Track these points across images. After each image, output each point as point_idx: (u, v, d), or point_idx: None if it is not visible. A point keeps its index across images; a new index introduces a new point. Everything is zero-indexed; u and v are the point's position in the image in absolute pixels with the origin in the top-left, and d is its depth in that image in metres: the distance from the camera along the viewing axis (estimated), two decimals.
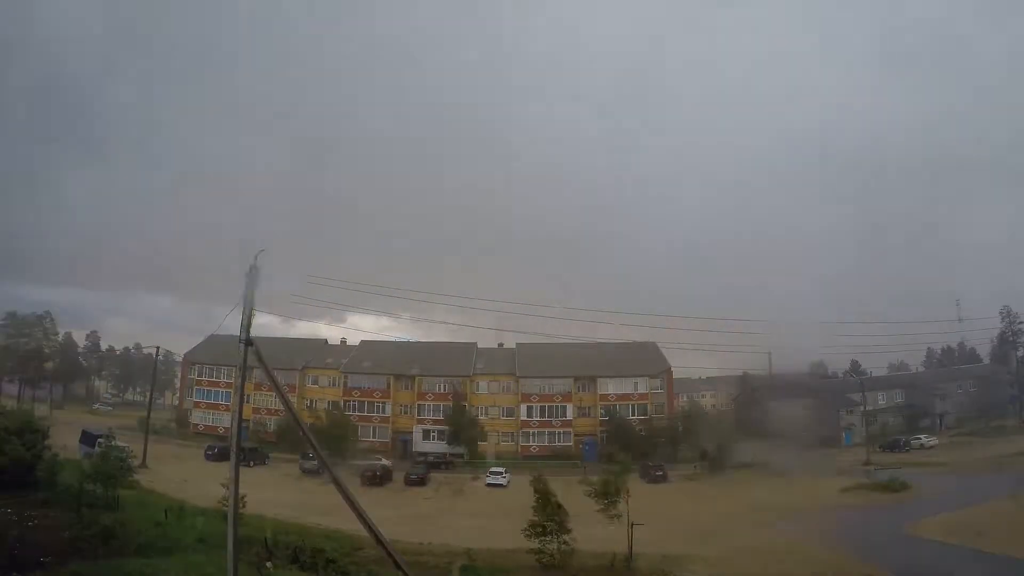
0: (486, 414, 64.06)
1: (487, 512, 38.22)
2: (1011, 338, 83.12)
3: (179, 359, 77.16)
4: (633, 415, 63.20)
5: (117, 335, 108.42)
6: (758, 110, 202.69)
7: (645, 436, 59.94)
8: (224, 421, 63.41)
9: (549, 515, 24.64)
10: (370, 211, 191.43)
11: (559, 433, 64.11)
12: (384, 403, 65.60)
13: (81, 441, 43.42)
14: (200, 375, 69.01)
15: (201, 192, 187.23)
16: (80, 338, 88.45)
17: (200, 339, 72.49)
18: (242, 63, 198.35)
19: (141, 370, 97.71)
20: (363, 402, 65.69)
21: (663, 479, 48.82)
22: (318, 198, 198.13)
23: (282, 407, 53.33)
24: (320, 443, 20.89)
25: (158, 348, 69.49)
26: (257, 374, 58.85)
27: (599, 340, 68.02)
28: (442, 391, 65.39)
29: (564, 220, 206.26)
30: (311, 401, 65.76)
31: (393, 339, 72.55)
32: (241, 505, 22.62)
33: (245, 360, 15.79)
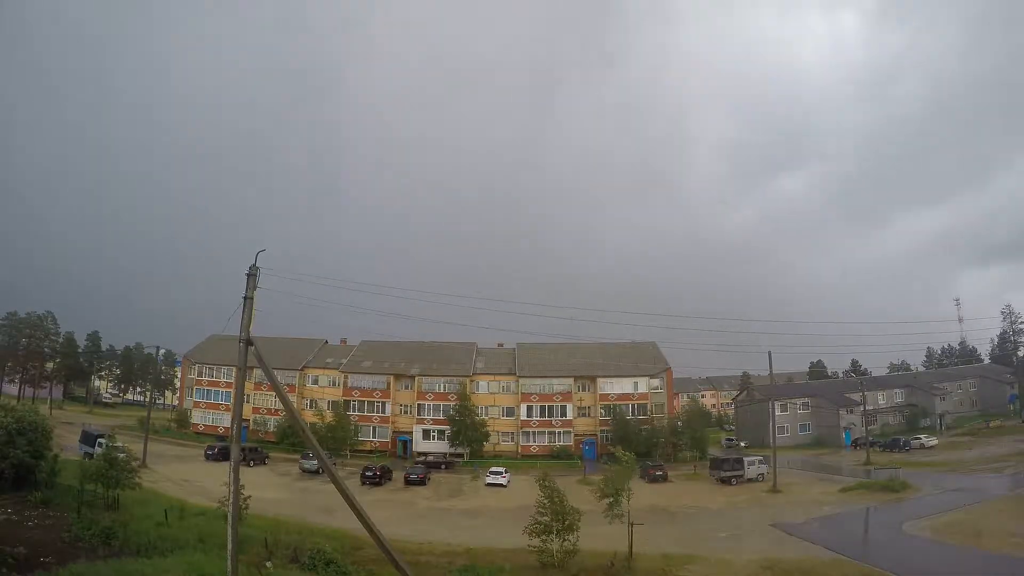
0: (486, 414, 63.98)
1: (487, 512, 38.21)
2: (1011, 338, 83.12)
3: (180, 358, 77.17)
4: (633, 415, 63.10)
5: (118, 334, 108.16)
6: (752, 107, 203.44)
7: (645, 436, 59.79)
8: (224, 421, 63.42)
9: (556, 514, 24.41)
10: (371, 210, 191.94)
11: (559, 433, 64.07)
12: (384, 403, 65.55)
13: (81, 441, 43.46)
14: (200, 375, 68.96)
15: (203, 193, 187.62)
16: (81, 338, 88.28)
17: (201, 339, 72.58)
18: (242, 61, 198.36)
19: (141, 369, 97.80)
20: (363, 402, 65.65)
21: (663, 479, 48.75)
22: (318, 198, 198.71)
23: (282, 407, 53.36)
24: (320, 443, 20.86)
25: (158, 348, 69.46)
26: (257, 374, 58.40)
27: (599, 340, 67.98)
28: (442, 391, 65.35)
29: (563, 218, 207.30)
30: (311, 401, 65.74)
31: (393, 339, 72.35)
32: (244, 506, 22.68)
33: (245, 360, 15.80)
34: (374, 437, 64.32)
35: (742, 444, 71.88)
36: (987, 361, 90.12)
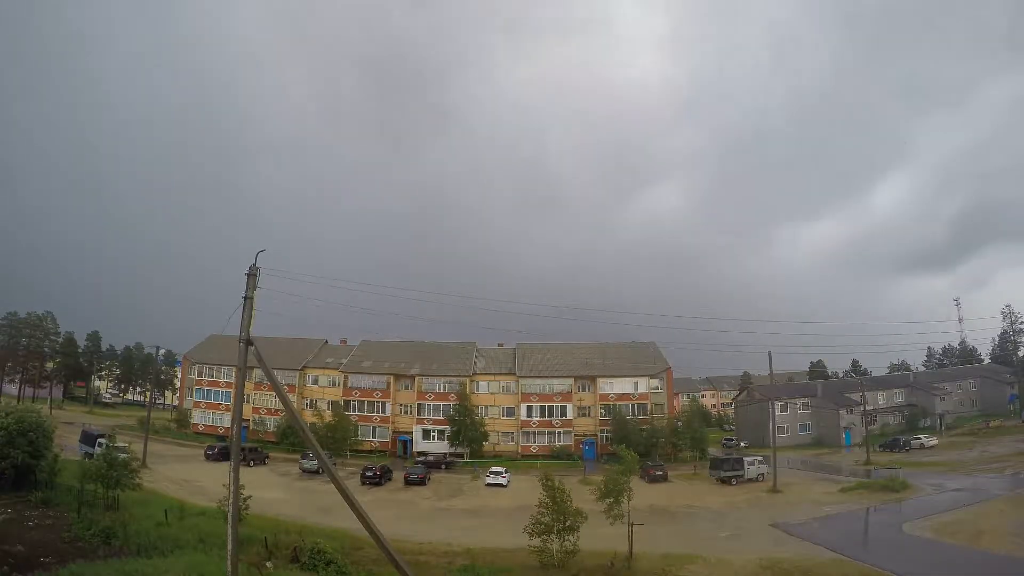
0: (486, 414, 63.96)
1: (487, 512, 38.19)
2: (1012, 338, 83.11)
3: (180, 358, 77.22)
4: (633, 415, 63.07)
5: (118, 334, 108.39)
6: (735, 100, 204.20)
7: (646, 436, 59.76)
8: (224, 421, 63.41)
9: (558, 514, 24.31)
10: (369, 210, 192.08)
11: (559, 433, 64.03)
12: (384, 403, 65.53)
13: (81, 441, 43.47)
14: (200, 375, 68.93)
15: (203, 192, 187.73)
16: (81, 338, 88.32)
17: (201, 339, 72.56)
18: (237, 70, 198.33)
19: (141, 369, 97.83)
20: (363, 402, 65.62)
21: (663, 479, 48.73)
22: (317, 198, 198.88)
23: (282, 407, 53.29)
24: (320, 443, 20.84)
25: (158, 348, 69.49)
26: (257, 373, 58.32)
27: (599, 340, 67.99)
28: (442, 391, 65.33)
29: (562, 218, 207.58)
30: (311, 401, 65.72)
31: (393, 339, 72.41)
32: (244, 506, 22.66)
33: (245, 360, 15.79)
34: (374, 437, 64.27)
35: (742, 444, 71.88)
36: (987, 361, 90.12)
